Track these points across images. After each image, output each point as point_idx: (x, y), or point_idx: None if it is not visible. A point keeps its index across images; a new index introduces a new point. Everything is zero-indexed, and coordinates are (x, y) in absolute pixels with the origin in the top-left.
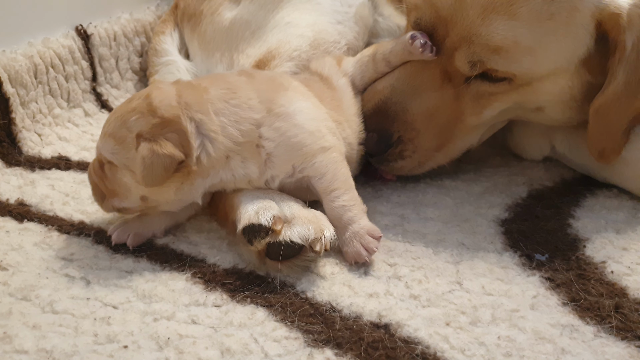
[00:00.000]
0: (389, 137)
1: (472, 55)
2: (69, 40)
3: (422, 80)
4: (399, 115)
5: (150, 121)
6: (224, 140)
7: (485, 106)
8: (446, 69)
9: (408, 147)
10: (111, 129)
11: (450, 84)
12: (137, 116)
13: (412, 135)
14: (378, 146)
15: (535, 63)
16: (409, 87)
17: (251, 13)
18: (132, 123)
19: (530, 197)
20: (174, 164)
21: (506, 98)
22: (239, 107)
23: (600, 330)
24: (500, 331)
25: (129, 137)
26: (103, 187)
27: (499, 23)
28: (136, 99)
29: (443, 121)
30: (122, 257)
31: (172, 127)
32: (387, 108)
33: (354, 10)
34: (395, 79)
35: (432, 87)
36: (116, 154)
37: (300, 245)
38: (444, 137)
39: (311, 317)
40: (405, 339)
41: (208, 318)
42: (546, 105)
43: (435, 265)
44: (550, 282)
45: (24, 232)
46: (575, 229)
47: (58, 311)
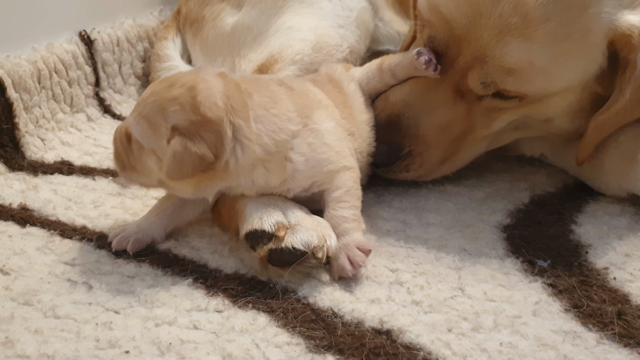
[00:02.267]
0: (400, 150)
1: (485, 76)
2: (73, 45)
3: (435, 97)
4: (411, 130)
5: (190, 117)
6: (257, 148)
7: (495, 119)
8: (459, 87)
9: (416, 161)
10: (147, 111)
11: (462, 101)
12: (177, 107)
13: (422, 149)
14: (388, 158)
15: (548, 82)
16: (422, 103)
17: (253, 18)
18: (170, 113)
19: (532, 202)
20: (204, 164)
21: (516, 112)
22: (278, 117)
23: (603, 337)
24: (503, 337)
25: (163, 126)
26: (125, 158)
27: (514, 45)
28: (178, 86)
29: (454, 135)
30: (124, 262)
31: (211, 127)
32: (400, 122)
33: (355, 14)
34: (407, 94)
35: (444, 104)
36: (147, 138)
37: (302, 252)
38: (452, 149)
39: (313, 323)
40: (407, 345)
41: (210, 323)
42: (555, 117)
43: (437, 271)
44: (552, 288)
45: (27, 237)
46: (578, 235)
47: (60, 316)
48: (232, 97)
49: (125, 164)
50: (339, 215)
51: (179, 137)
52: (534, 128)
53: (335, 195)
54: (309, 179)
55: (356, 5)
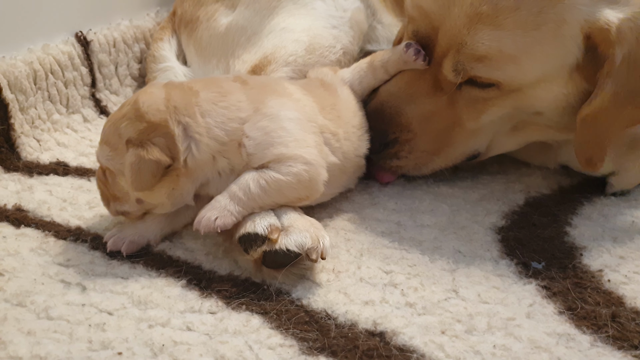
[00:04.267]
0: (384, 137)
1: (456, 64)
2: (69, 46)
3: (416, 87)
4: (395, 118)
5: (138, 127)
6: (209, 141)
7: (482, 111)
8: (437, 76)
9: (404, 148)
10: (106, 136)
11: (442, 91)
12: (126, 122)
13: (408, 137)
14: (373, 144)
15: (519, 71)
16: (405, 93)
17: (247, 19)
18: (122, 129)
19: (527, 204)
20: (161, 168)
21: (501, 103)
22: (227, 109)
23: (597, 340)
24: (496, 340)
25: (120, 144)
26: (106, 191)
27: (484, 33)
28: (126, 105)
29: (440, 126)
30: (118, 263)
31: (159, 131)
32: (384, 110)
33: (349, 15)
34: (392, 85)
35: (425, 94)
36: (111, 160)
37: (296, 254)
38: (443, 140)
39: (306, 325)
40: (401, 347)
41: (203, 325)
42: (544, 111)
43: (432, 273)
44: (546, 290)
45: (21, 238)
46: (572, 237)
47: (53, 317)
48: (172, 98)
49: (108, 198)
50: (244, 183)
51: (132, 148)
52: (533, 126)
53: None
54: (261, 160)
55: (350, 5)
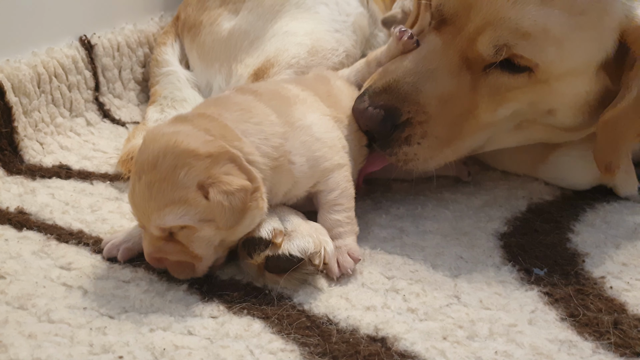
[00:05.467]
0: (397, 116)
1: (498, 39)
2: (73, 50)
3: (439, 63)
4: (411, 95)
5: (201, 166)
6: (262, 159)
7: (500, 103)
8: (466, 54)
9: (417, 132)
10: (163, 199)
11: (468, 71)
12: (185, 170)
13: (422, 118)
14: (384, 125)
15: (559, 55)
16: (425, 69)
17: (250, 23)
18: (184, 179)
19: (529, 211)
20: (248, 194)
21: (521, 95)
22: (262, 124)
23: (599, 347)
24: (498, 346)
25: (189, 194)
26: (184, 258)
27: (531, 7)
28: (162, 160)
29: (457, 111)
30: (119, 267)
31: (224, 159)
32: (399, 87)
33: (352, 19)
34: (409, 61)
35: (449, 72)
36: (186, 216)
37: (299, 259)
38: (455, 130)
39: (308, 330)
40: (402, 352)
41: (204, 329)
42: (559, 108)
43: (433, 278)
44: (548, 297)
45: (23, 241)
46: (575, 243)
47: (54, 320)
48: (208, 127)
49: (187, 265)
50: (333, 219)
51: (211, 188)
52: (537, 125)
53: (330, 198)
54: (312, 180)
55: (353, 10)
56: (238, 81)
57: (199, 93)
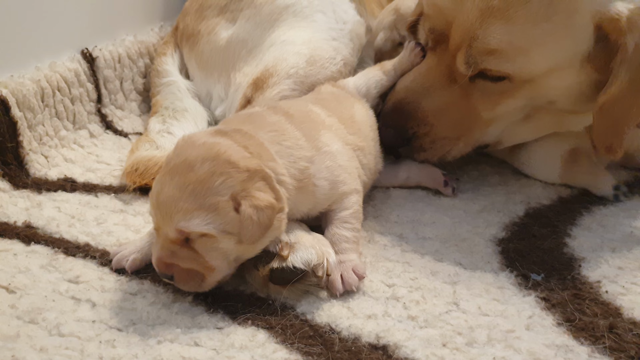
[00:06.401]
0: (405, 132)
1: (468, 57)
2: (75, 63)
3: (432, 80)
4: (412, 114)
5: (238, 178)
6: (291, 180)
7: (496, 102)
8: (451, 69)
9: (425, 140)
10: (194, 203)
11: (456, 83)
12: (222, 178)
13: (426, 130)
14: (395, 140)
15: (529, 62)
16: (421, 88)
17: (247, 32)
18: (220, 187)
19: (527, 215)
20: (275, 212)
21: (514, 94)
22: (292, 148)
23: (595, 351)
24: (496, 352)
25: (221, 202)
26: (197, 266)
27: (495, 27)
28: (201, 162)
29: (456, 116)
30: (126, 279)
31: (258, 177)
32: (402, 107)
33: (349, 27)
34: (410, 81)
35: (440, 86)
36: (212, 224)
37: (302, 270)
38: (461, 130)
39: (311, 339)
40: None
41: (210, 340)
42: (557, 100)
43: (433, 285)
44: (545, 302)
45: (31, 255)
46: (572, 248)
47: (64, 334)
48: (247, 144)
49: (198, 275)
50: (341, 234)
51: (244, 200)
52: (547, 114)
53: (341, 215)
54: (329, 201)
55: (350, 18)
56: (237, 90)
57: (200, 102)
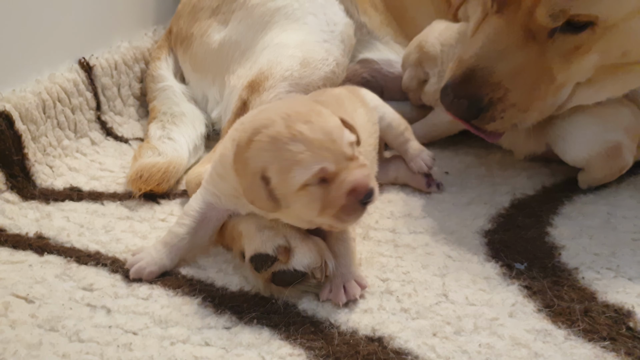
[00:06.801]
0: (480, 102)
1: (553, 7)
2: (73, 73)
3: (504, 43)
4: (487, 79)
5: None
6: None
7: (571, 61)
8: (528, 27)
9: (498, 108)
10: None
11: (534, 42)
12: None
13: (500, 94)
14: (470, 112)
15: (615, 1)
16: (493, 52)
17: (240, 33)
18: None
19: (512, 206)
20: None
21: (592, 47)
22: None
23: (570, 334)
24: (482, 339)
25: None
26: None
27: None
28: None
29: (531, 79)
30: (137, 284)
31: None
32: (475, 74)
33: (339, 29)
34: (479, 48)
35: (516, 47)
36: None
37: (303, 273)
38: (535, 94)
39: (312, 334)
40: (397, 350)
41: (219, 340)
42: (632, 49)
43: (424, 278)
44: (527, 290)
45: (46, 265)
46: (553, 236)
47: (84, 340)
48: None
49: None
50: (345, 246)
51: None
52: (613, 74)
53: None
54: None
55: (340, 20)
56: (232, 92)
57: (196, 106)
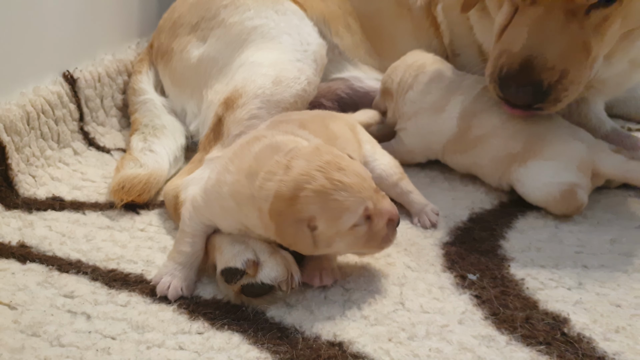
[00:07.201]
0: (541, 86)
1: None
2: (57, 86)
3: (549, 28)
4: (544, 65)
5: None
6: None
7: (603, 32)
8: (569, 8)
9: (559, 88)
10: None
11: (574, 20)
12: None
13: (556, 76)
14: (535, 97)
15: None
16: (541, 39)
17: (218, 50)
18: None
19: (470, 220)
20: None
21: (617, 16)
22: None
23: (512, 339)
24: (432, 344)
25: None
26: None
27: None
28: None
29: (578, 55)
30: (116, 292)
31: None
32: (532, 64)
33: (312, 49)
34: (528, 38)
35: (560, 30)
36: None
37: (270, 286)
38: (585, 70)
39: (278, 339)
40: (355, 354)
41: (193, 344)
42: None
43: (384, 288)
44: (477, 299)
45: (28, 273)
46: (505, 249)
47: (64, 344)
48: None
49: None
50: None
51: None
52: (624, 47)
53: None
54: None
55: (313, 40)
56: (209, 107)
57: (176, 118)
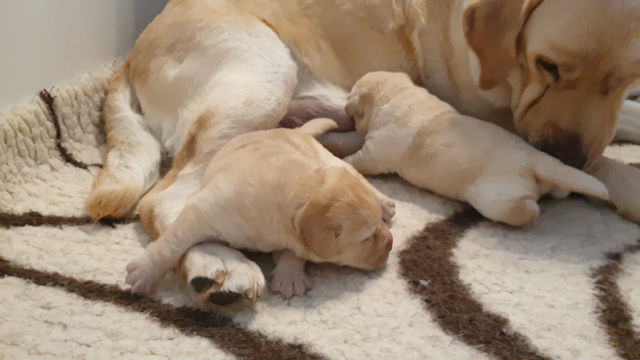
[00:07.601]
0: (585, 159)
1: (622, 74)
2: (35, 105)
3: (591, 107)
4: (587, 142)
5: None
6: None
7: (620, 98)
8: (602, 89)
9: (595, 156)
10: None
11: (606, 97)
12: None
13: (595, 147)
14: (579, 167)
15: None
16: (586, 118)
17: (194, 71)
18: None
19: (426, 229)
20: None
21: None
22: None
23: (455, 339)
24: (383, 344)
25: None
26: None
27: (634, 40)
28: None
29: (609, 126)
30: (92, 302)
31: None
32: (578, 140)
33: (283, 70)
34: (572, 116)
35: (598, 108)
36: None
37: (237, 294)
38: (610, 136)
39: (243, 343)
40: (313, 355)
41: (163, 349)
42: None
43: (343, 294)
44: (427, 303)
45: (6, 286)
46: (456, 256)
47: (42, 352)
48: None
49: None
50: (298, 256)
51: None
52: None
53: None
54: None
55: (284, 62)
56: (183, 125)
57: (152, 135)
